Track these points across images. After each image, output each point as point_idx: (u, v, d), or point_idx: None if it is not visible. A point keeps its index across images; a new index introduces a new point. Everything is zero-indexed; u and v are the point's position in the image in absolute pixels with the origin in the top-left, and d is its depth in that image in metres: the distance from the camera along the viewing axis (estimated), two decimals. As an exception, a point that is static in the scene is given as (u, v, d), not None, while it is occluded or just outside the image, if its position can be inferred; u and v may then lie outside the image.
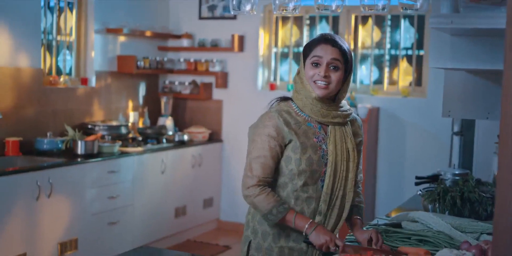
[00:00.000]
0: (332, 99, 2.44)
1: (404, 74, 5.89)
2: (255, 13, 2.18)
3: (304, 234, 2.35)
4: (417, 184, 3.72)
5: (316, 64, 2.37)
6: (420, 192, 3.32)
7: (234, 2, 2.12)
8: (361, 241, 2.45)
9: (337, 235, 2.49)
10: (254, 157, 2.39)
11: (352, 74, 2.51)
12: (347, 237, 2.65)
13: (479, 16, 1.95)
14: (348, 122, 2.49)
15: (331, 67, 2.37)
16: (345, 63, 2.39)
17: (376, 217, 3.03)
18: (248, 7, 2.12)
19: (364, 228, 2.56)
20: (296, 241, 2.43)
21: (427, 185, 3.74)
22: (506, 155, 1.59)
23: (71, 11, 5.59)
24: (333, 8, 2.42)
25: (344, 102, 2.51)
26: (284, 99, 2.50)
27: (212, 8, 6.49)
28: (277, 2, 2.39)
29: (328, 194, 2.39)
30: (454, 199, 2.96)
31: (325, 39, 2.39)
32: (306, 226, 2.33)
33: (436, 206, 3.04)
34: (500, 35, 2.23)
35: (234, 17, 6.39)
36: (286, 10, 2.11)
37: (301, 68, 2.45)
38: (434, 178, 3.66)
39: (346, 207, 2.45)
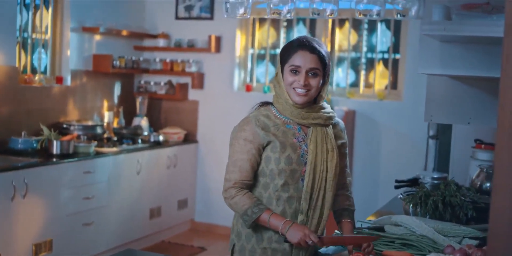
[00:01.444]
0: (312, 101, 2.47)
1: (380, 77, 5.94)
2: (248, 16, 2.17)
3: (280, 234, 2.37)
4: (396, 187, 3.75)
5: (295, 72, 2.39)
6: (401, 195, 3.35)
7: (228, 5, 2.10)
8: (349, 246, 2.46)
9: (324, 234, 2.52)
10: (231, 161, 2.44)
11: (330, 74, 2.53)
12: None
13: (472, 23, 1.98)
14: (330, 124, 2.51)
15: (310, 74, 2.39)
16: (324, 68, 2.41)
17: (358, 220, 3.04)
18: (241, 11, 2.11)
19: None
20: (279, 242, 2.44)
21: (405, 188, 3.78)
22: (502, 162, 1.61)
23: (47, 9, 5.51)
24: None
25: (327, 105, 2.54)
26: (265, 103, 2.53)
27: (188, 8, 6.46)
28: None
29: (308, 193, 2.41)
30: (436, 203, 2.99)
31: (302, 45, 2.39)
32: (281, 225, 2.34)
33: (417, 210, 3.07)
34: (490, 42, 2.26)
35: (211, 18, 6.37)
36: (278, 13, 2.10)
37: (278, 72, 2.47)
38: (414, 182, 3.71)
39: (326, 207, 2.46)
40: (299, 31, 6.22)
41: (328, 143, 2.47)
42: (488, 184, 3.62)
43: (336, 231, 2.74)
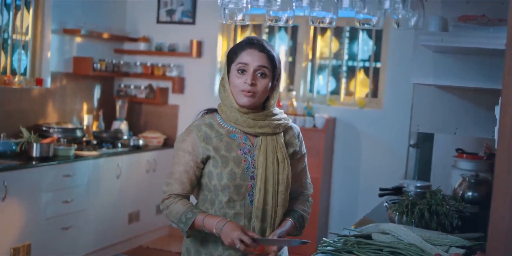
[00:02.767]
0: (260, 107, 2.34)
1: (361, 85, 5.98)
2: (246, 23, 2.17)
3: (217, 235, 2.21)
4: (380, 195, 3.78)
5: (242, 71, 2.24)
6: (387, 203, 3.37)
7: (226, 12, 2.09)
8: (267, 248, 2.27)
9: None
10: (170, 172, 2.33)
11: (281, 80, 2.37)
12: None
13: (469, 35, 2.00)
14: (282, 132, 2.36)
15: (258, 74, 2.25)
16: (273, 70, 2.27)
17: (344, 228, 3.06)
18: (240, 17, 2.11)
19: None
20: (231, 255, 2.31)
21: (389, 197, 3.81)
22: (502, 173, 1.63)
23: (28, 10, 5.46)
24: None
25: (279, 111, 2.39)
26: (210, 111, 2.42)
27: (170, 12, 6.44)
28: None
29: (259, 209, 2.25)
30: (422, 212, 3.02)
31: (251, 44, 2.27)
32: (215, 224, 2.18)
33: (403, 218, 3.09)
34: (483, 53, 2.29)
35: (193, 23, 6.37)
36: (277, 20, 2.11)
37: (224, 75, 2.32)
38: (397, 190, 3.74)
39: (276, 222, 2.31)
40: (281, 38, 6.24)
41: (278, 153, 2.30)
42: (470, 193, 3.66)
43: (324, 238, 2.75)
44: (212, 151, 2.25)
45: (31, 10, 5.47)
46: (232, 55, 2.30)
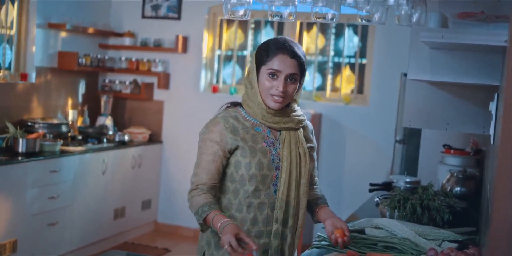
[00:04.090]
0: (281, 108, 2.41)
1: (346, 81, 6.01)
2: (248, 18, 2.17)
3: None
4: (370, 190, 3.81)
5: (273, 76, 2.31)
6: (378, 199, 3.40)
7: (228, 7, 2.09)
8: (330, 227, 2.43)
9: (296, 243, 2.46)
10: (197, 163, 2.38)
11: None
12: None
13: (469, 32, 2.02)
14: (301, 127, 2.47)
15: (289, 80, 2.32)
16: (301, 74, 2.36)
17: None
18: (241, 12, 2.10)
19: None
20: None
21: (377, 192, 3.84)
22: (504, 172, 1.65)
23: (13, 4, 5.39)
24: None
25: (297, 107, 2.49)
26: (234, 104, 2.47)
27: (155, 7, 6.41)
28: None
29: (283, 200, 2.35)
30: (414, 207, 3.04)
31: (283, 49, 2.30)
32: (218, 226, 2.20)
33: (395, 213, 3.12)
34: (480, 50, 2.32)
35: (178, 18, 6.34)
36: (278, 16, 2.11)
37: (252, 74, 2.37)
38: (387, 186, 3.77)
39: (301, 214, 2.41)
40: (267, 33, 6.24)
41: (300, 147, 2.42)
42: (458, 188, 3.71)
43: (318, 233, 2.76)
44: (240, 141, 2.33)
45: (15, 4, 5.40)
46: (262, 56, 2.33)
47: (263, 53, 2.34)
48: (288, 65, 2.29)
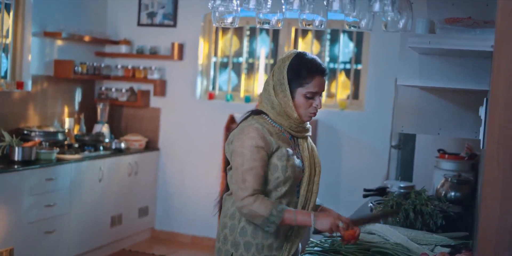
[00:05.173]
0: None
1: (342, 87, 6.02)
2: (236, 25, 2.18)
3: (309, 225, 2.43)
4: (365, 196, 3.82)
5: (310, 97, 2.45)
6: (372, 204, 3.40)
7: (217, 14, 2.10)
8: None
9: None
10: (245, 169, 2.41)
11: None
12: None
13: (456, 37, 2.04)
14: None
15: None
16: None
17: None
18: (229, 20, 2.12)
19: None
20: (279, 250, 2.47)
21: (372, 197, 3.85)
22: (490, 174, 1.66)
23: (8, 13, 5.41)
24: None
25: None
26: (256, 113, 2.55)
27: (151, 15, 6.43)
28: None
29: (303, 196, 2.51)
30: (407, 212, 3.06)
31: (320, 72, 2.44)
32: (308, 219, 2.38)
33: (388, 218, 3.12)
34: (468, 55, 2.33)
35: (174, 25, 6.36)
36: (266, 23, 2.13)
37: (284, 93, 2.45)
38: (381, 191, 3.78)
39: (310, 207, 2.56)
40: (262, 40, 6.26)
41: (314, 150, 2.60)
42: (453, 193, 3.71)
43: (311, 239, 2.77)
44: (280, 143, 2.45)
45: (11, 13, 5.43)
46: (296, 78, 2.43)
47: (297, 76, 2.43)
48: (323, 84, 2.48)
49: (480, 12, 2.26)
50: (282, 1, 2.13)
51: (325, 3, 2.09)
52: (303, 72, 2.41)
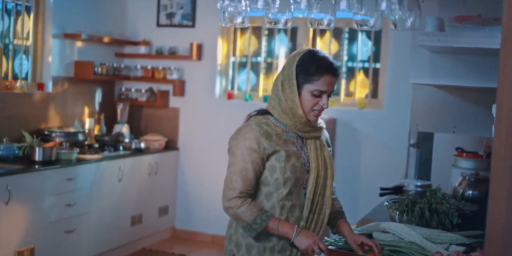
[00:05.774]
0: None
1: (360, 86, 6.01)
2: (246, 25, 2.20)
3: (289, 239, 2.38)
4: (381, 195, 3.80)
5: (317, 95, 2.38)
6: (387, 203, 3.39)
7: (226, 15, 2.12)
8: (352, 244, 2.50)
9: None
10: (235, 170, 2.40)
11: None
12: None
13: (465, 35, 2.03)
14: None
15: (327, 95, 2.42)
16: None
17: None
18: (239, 20, 2.13)
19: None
20: (281, 252, 2.45)
21: (389, 196, 3.83)
22: (498, 172, 1.65)
23: (29, 15, 5.49)
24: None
25: None
26: (261, 112, 2.51)
27: (170, 15, 6.47)
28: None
29: (310, 199, 2.43)
30: (423, 211, 3.04)
31: (330, 70, 2.36)
32: (290, 231, 2.36)
33: (403, 217, 3.12)
34: (479, 53, 2.32)
35: (193, 26, 6.40)
36: (276, 23, 2.13)
37: (291, 89, 2.39)
38: (398, 189, 3.76)
39: (326, 213, 2.51)
40: (280, 40, 6.27)
41: (324, 151, 2.52)
42: (470, 192, 3.68)
43: (325, 237, 2.78)
44: (276, 146, 2.39)
45: (31, 15, 5.50)
46: (305, 75, 2.37)
47: (306, 73, 2.37)
48: (332, 84, 2.39)
49: (491, 9, 2.25)
50: (291, 1, 2.13)
51: (333, 1, 2.09)
52: (312, 68, 2.35)
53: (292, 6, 2.12)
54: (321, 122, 2.55)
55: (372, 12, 2.07)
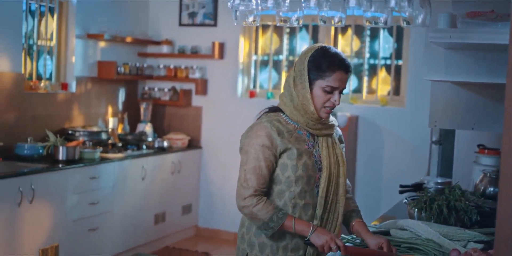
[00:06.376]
0: None
1: (382, 83, 5.98)
2: (257, 24, 2.21)
3: (305, 237, 2.37)
4: (401, 192, 3.79)
5: (329, 91, 2.36)
6: (406, 200, 3.38)
7: (237, 13, 2.13)
8: (373, 246, 2.46)
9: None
10: (248, 168, 2.38)
11: None
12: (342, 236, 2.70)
13: (477, 31, 2.02)
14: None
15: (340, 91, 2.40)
16: None
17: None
18: (251, 19, 2.15)
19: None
20: (295, 251, 2.45)
21: (409, 193, 3.82)
22: (508, 168, 1.64)
23: (52, 16, 5.56)
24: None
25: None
26: (272, 110, 2.50)
27: (192, 15, 6.51)
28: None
29: (323, 198, 2.42)
30: (441, 208, 3.02)
31: (343, 67, 2.35)
32: (306, 229, 2.34)
33: (422, 214, 3.10)
34: (493, 49, 2.30)
35: (215, 25, 6.42)
36: (286, 21, 2.14)
37: (303, 84, 2.37)
38: (418, 187, 3.74)
39: (340, 211, 2.49)
40: (302, 38, 6.27)
41: (336, 149, 2.49)
42: (491, 189, 3.65)
43: (342, 235, 2.78)
44: (288, 143, 2.38)
45: (55, 16, 5.57)
46: (317, 71, 2.35)
47: (318, 68, 2.35)
48: (344, 81, 2.38)
49: (504, 5, 2.23)
50: (302, -1, 2.14)
51: (343, -1, 2.10)
52: (324, 64, 2.33)
53: (303, 5, 2.12)
54: (333, 119, 2.53)
55: (382, 9, 2.07)
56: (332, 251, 2.33)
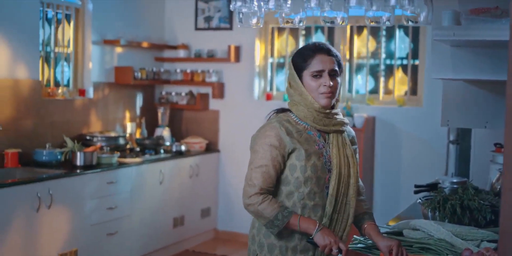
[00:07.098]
0: (331, 106, 2.48)
1: (399, 83, 5.95)
2: (261, 26, 2.21)
3: (309, 235, 2.37)
4: (416, 192, 3.76)
5: (317, 76, 2.40)
6: (420, 200, 3.36)
7: (241, 16, 2.14)
8: (383, 249, 2.45)
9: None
10: (255, 167, 2.41)
11: (343, 77, 2.55)
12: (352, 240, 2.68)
13: (480, 28, 2.00)
14: (345, 131, 2.54)
15: (331, 75, 2.41)
16: (340, 71, 2.45)
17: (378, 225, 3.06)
18: (254, 21, 2.15)
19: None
20: (304, 252, 2.45)
21: (425, 193, 3.79)
22: (511, 164, 1.63)
23: (69, 23, 5.62)
24: (337, 21, 2.42)
25: (338, 110, 2.54)
26: (282, 110, 2.53)
27: (208, 19, 6.53)
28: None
29: (333, 196, 2.41)
30: (454, 207, 3.00)
31: (319, 50, 2.40)
32: (311, 227, 2.35)
33: (436, 214, 3.08)
34: (499, 46, 2.28)
35: (230, 28, 6.44)
36: (289, 22, 2.14)
37: (294, 80, 2.46)
38: (433, 186, 3.71)
39: (351, 212, 2.48)
40: (318, 39, 6.26)
41: (347, 149, 2.48)
42: (508, 188, 3.61)
43: (355, 236, 2.76)
44: (297, 143, 2.39)
45: (71, 23, 5.63)
46: (300, 62, 2.44)
47: (300, 60, 2.44)
48: (328, 62, 2.39)
49: (509, 1, 2.20)
50: (303, 0, 2.14)
51: (344, -1, 2.09)
52: (302, 54, 2.42)
53: (305, 5, 2.12)
54: (343, 117, 2.54)
55: (384, 8, 2.06)
56: (333, 254, 2.33)
